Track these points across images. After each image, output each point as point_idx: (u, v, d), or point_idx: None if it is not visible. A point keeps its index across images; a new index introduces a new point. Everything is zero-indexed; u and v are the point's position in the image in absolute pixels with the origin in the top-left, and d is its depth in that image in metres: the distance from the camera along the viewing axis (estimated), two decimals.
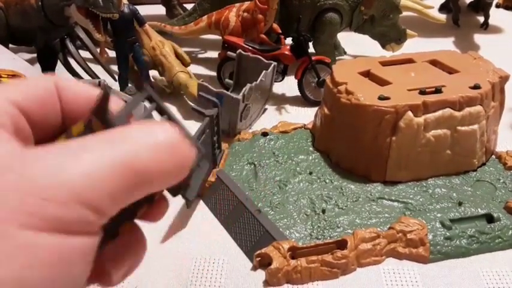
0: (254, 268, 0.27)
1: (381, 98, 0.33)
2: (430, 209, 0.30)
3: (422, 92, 0.33)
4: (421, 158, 0.33)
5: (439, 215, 0.30)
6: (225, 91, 0.40)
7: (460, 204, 0.31)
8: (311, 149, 0.37)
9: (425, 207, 0.30)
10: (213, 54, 0.56)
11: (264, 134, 0.39)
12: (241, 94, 0.39)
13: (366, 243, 0.27)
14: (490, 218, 0.29)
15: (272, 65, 0.43)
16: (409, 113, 0.32)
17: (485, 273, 0.27)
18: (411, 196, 0.31)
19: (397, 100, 0.32)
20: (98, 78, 0.42)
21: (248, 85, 0.40)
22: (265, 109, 0.46)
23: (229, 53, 0.46)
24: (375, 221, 0.29)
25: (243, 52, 0.45)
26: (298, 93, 0.47)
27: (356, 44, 0.57)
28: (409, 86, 0.34)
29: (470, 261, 0.27)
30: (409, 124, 0.32)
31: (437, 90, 0.33)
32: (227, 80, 0.47)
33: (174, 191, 0.14)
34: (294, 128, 0.39)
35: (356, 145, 0.34)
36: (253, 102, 0.41)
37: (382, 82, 0.36)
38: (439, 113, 0.33)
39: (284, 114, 0.45)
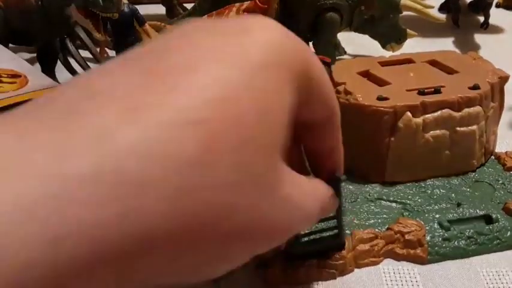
0: (252, 269, 0.27)
1: (380, 99, 0.33)
2: (428, 210, 0.30)
3: (421, 93, 0.33)
4: (420, 159, 0.33)
5: (437, 215, 0.30)
6: None
7: (458, 205, 0.31)
8: None
9: (423, 208, 0.30)
10: None
11: None
12: None
13: (363, 244, 0.27)
14: (488, 219, 0.29)
15: None
16: (408, 114, 0.32)
17: (485, 273, 0.27)
18: (410, 197, 0.31)
19: (396, 100, 0.32)
20: None
21: None
22: None
23: None
24: (373, 222, 0.29)
25: None
26: None
27: (356, 44, 0.57)
28: (408, 86, 0.34)
29: (471, 262, 0.27)
30: (407, 124, 0.32)
31: (436, 91, 0.33)
32: None
33: None
34: None
35: (354, 145, 0.34)
36: None
37: (381, 82, 0.35)
38: (438, 113, 0.33)
39: None
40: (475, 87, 0.34)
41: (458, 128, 0.33)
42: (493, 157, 0.36)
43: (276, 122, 0.13)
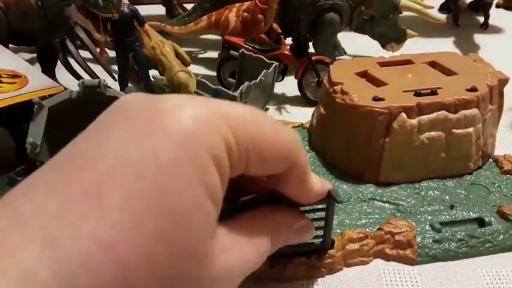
0: None
1: (376, 99, 0.33)
2: (421, 211, 0.30)
3: (418, 94, 0.33)
4: (415, 160, 0.33)
5: (429, 217, 0.29)
6: (222, 88, 0.41)
7: (452, 207, 0.30)
8: (307, 148, 0.37)
9: (416, 209, 0.30)
10: (213, 54, 0.56)
11: None
12: (238, 91, 0.39)
13: (353, 243, 0.27)
14: (481, 222, 0.29)
15: (273, 65, 0.43)
16: (403, 115, 0.32)
17: (485, 274, 0.27)
18: (403, 198, 0.31)
19: (392, 101, 0.32)
20: (98, 78, 0.43)
21: (246, 83, 0.40)
22: (267, 108, 0.46)
23: (232, 52, 0.46)
24: (365, 222, 0.29)
25: (245, 52, 0.45)
26: (299, 93, 0.47)
27: (356, 44, 0.57)
28: (405, 87, 0.34)
29: (471, 262, 0.27)
30: (402, 126, 0.32)
31: (433, 92, 0.33)
32: (229, 79, 0.48)
33: None
34: (292, 127, 0.40)
35: (350, 145, 0.34)
36: (252, 101, 0.41)
37: (378, 83, 0.35)
38: (434, 115, 0.32)
39: (284, 114, 0.45)
40: (473, 89, 0.34)
41: (454, 130, 0.33)
42: (491, 160, 0.36)
43: (195, 216, 0.13)
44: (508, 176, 0.34)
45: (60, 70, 0.47)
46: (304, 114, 0.44)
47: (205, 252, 0.14)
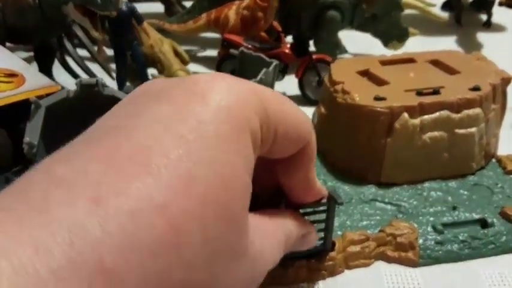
0: None
1: (377, 99, 0.32)
2: (423, 213, 0.30)
3: (420, 93, 0.33)
4: (417, 160, 0.32)
5: (431, 218, 0.29)
6: None
7: (454, 208, 0.30)
8: None
9: (418, 210, 0.30)
10: (213, 52, 0.56)
11: None
12: None
13: (354, 245, 0.26)
14: (484, 223, 0.29)
15: (274, 64, 0.43)
16: (405, 115, 0.32)
17: (488, 276, 0.26)
18: (405, 199, 0.31)
19: (393, 101, 0.32)
20: (96, 77, 0.42)
21: None
22: None
23: (231, 50, 0.46)
24: (366, 223, 0.29)
25: (245, 50, 0.45)
26: (299, 92, 0.47)
27: (357, 43, 0.56)
28: (407, 86, 0.34)
29: (473, 263, 0.27)
30: (404, 125, 0.31)
31: (435, 92, 0.33)
32: None
33: None
34: None
35: (351, 145, 0.34)
36: None
37: (380, 82, 0.35)
38: (436, 114, 0.32)
39: None
40: (476, 88, 0.33)
41: (456, 130, 0.33)
42: (494, 160, 0.36)
43: (238, 186, 0.14)
44: (511, 176, 0.34)
45: (57, 69, 0.46)
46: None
47: (244, 225, 0.14)
